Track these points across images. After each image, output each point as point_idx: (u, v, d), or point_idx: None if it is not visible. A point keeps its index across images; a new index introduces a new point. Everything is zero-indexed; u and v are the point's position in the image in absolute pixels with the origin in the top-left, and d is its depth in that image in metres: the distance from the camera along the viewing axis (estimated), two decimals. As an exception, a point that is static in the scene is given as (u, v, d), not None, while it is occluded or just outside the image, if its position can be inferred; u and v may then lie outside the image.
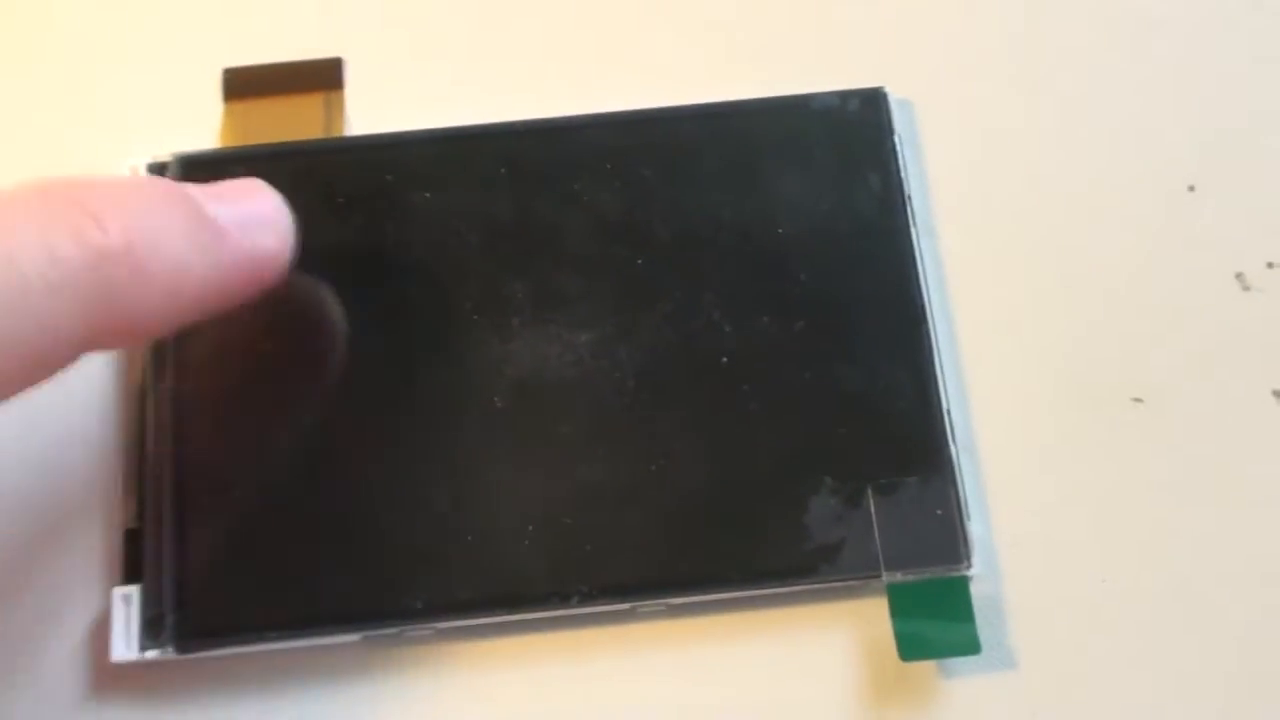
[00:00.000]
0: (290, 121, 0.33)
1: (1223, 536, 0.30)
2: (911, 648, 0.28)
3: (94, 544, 0.30)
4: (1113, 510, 0.30)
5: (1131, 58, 0.34)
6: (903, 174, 0.31)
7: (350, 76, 0.33)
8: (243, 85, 0.33)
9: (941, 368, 0.30)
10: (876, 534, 0.29)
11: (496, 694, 0.29)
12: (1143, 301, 0.31)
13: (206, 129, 0.32)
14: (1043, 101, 0.33)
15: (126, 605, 0.28)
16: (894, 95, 0.32)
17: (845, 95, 0.32)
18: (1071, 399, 0.31)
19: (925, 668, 0.29)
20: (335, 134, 0.33)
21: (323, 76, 0.33)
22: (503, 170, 0.31)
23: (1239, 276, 0.31)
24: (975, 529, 0.29)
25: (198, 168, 0.32)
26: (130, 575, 0.29)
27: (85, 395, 0.31)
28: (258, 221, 0.27)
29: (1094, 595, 0.29)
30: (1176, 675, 0.29)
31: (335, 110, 0.33)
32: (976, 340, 0.31)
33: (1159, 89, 0.33)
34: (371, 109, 0.33)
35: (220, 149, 0.32)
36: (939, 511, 0.29)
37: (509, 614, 0.28)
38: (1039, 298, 0.31)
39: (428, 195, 0.31)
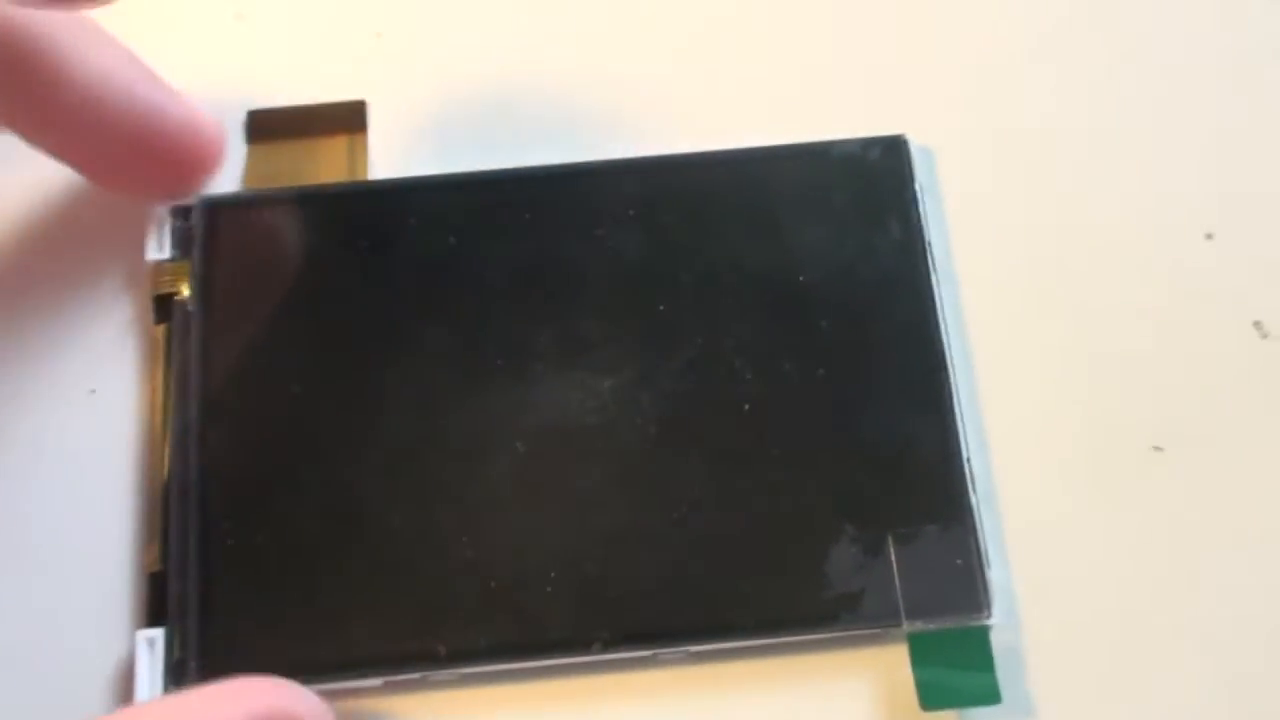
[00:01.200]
0: (314, 164, 0.33)
1: (1245, 584, 0.30)
2: (933, 697, 0.28)
3: (119, 587, 0.30)
4: (1133, 558, 0.30)
5: (1150, 106, 0.34)
6: (923, 222, 0.31)
7: (374, 120, 0.33)
8: (266, 128, 0.33)
9: (962, 415, 0.30)
10: (897, 583, 0.29)
11: (518, 741, 0.29)
12: (1162, 350, 0.31)
13: (230, 171, 0.33)
14: (1061, 150, 0.33)
15: (151, 649, 0.29)
16: (915, 143, 0.32)
17: (867, 143, 0.32)
18: (1092, 447, 0.31)
19: (945, 715, 0.29)
20: (359, 177, 0.33)
21: (347, 119, 0.33)
22: (526, 215, 0.32)
23: (1257, 325, 0.32)
24: (995, 577, 0.29)
25: (220, 211, 0.32)
26: (155, 618, 0.29)
27: (110, 438, 0.31)
28: None
29: (1115, 643, 0.29)
30: (1197, 724, 0.29)
31: (359, 153, 0.33)
32: (996, 388, 0.31)
33: (1177, 137, 0.33)
34: (395, 152, 0.33)
35: (243, 191, 0.33)
36: (959, 560, 0.29)
37: (531, 660, 0.29)
38: (1059, 345, 0.31)
39: (451, 240, 0.32)
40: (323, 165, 0.33)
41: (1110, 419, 0.31)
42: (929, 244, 0.31)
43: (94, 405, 0.31)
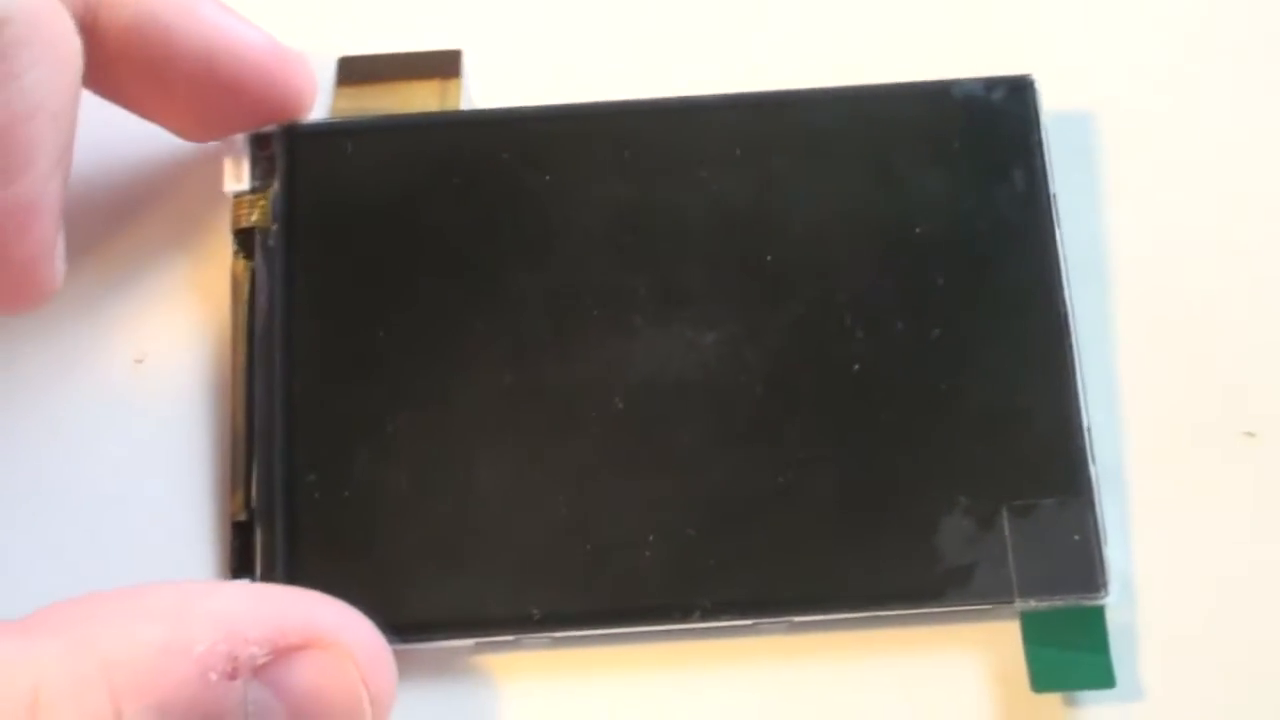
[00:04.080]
0: (403, 102, 0.31)
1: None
2: (1045, 678, 0.27)
3: (203, 534, 0.29)
4: (1257, 538, 0.29)
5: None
6: (1048, 171, 0.30)
7: (469, 67, 0.31)
8: (358, 74, 0.32)
9: (1084, 383, 0.28)
10: (1010, 558, 0.27)
11: (609, 704, 0.28)
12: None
13: (317, 113, 0.31)
14: (1199, 116, 0.31)
15: (235, 600, 0.28)
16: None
17: (990, 83, 0.30)
18: (1225, 424, 0.29)
19: (1051, 696, 0.28)
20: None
21: (440, 67, 0.31)
22: (626, 153, 0.30)
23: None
24: (1113, 556, 0.28)
25: (302, 139, 0.30)
26: (239, 569, 0.28)
27: (194, 385, 0.30)
28: None
29: (1232, 629, 0.28)
30: (1312, 710, 0.28)
31: (451, 94, 0.31)
32: (1123, 354, 0.29)
33: None
34: (490, 95, 0.31)
35: (325, 120, 0.31)
36: (1076, 537, 0.28)
37: (627, 627, 0.28)
38: (1194, 311, 0.30)
39: (546, 178, 0.30)
40: (412, 104, 0.31)
41: (1250, 395, 0.29)
42: (1054, 195, 0.29)
43: (177, 347, 0.30)
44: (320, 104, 0.31)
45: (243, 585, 0.27)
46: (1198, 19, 0.32)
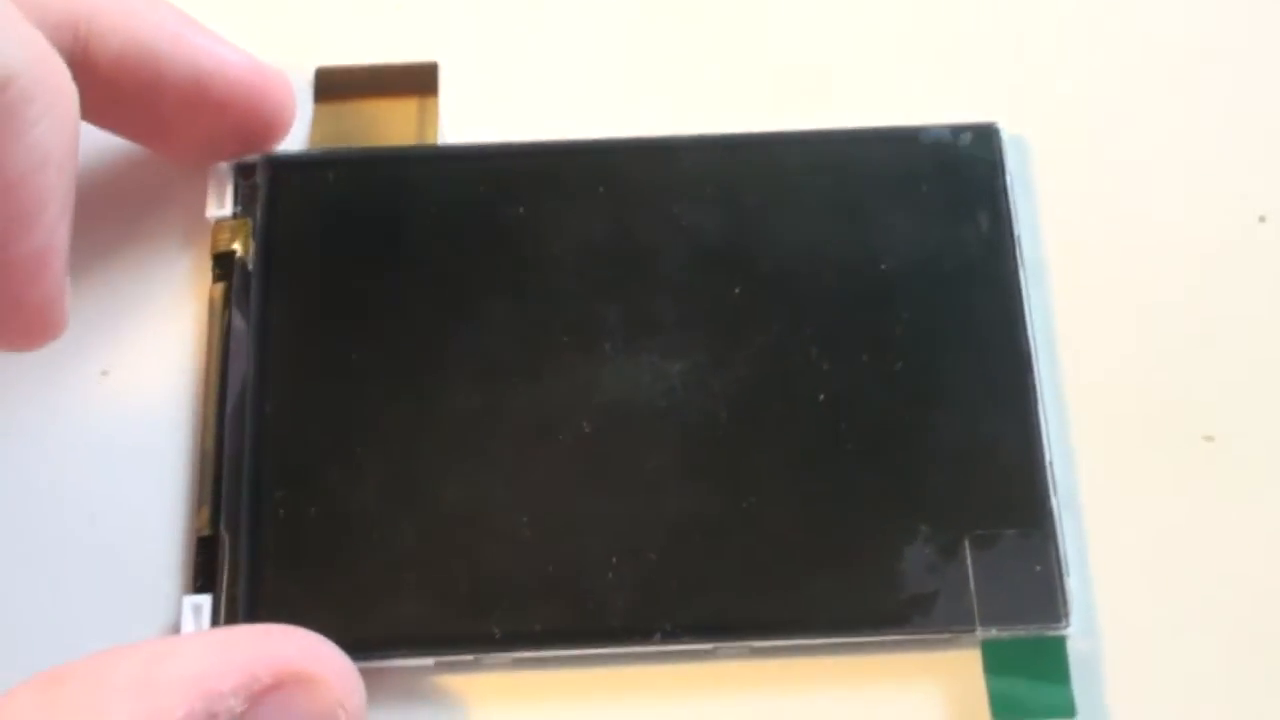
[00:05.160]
0: (383, 125, 0.32)
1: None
2: (1005, 707, 0.27)
3: (168, 550, 0.29)
4: (1218, 567, 0.29)
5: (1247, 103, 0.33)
6: (1013, 214, 0.30)
7: (445, 83, 0.32)
8: (335, 86, 0.32)
9: (1046, 416, 0.29)
10: (972, 587, 0.28)
11: (570, 728, 0.28)
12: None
13: (296, 131, 0.32)
14: (1152, 144, 0.32)
15: (197, 615, 0.28)
16: (1008, 132, 0.31)
17: (957, 129, 0.31)
18: (1186, 456, 0.29)
19: (1015, 726, 0.28)
20: (428, 140, 0.32)
21: (417, 81, 0.32)
22: (600, 188, 0.31)
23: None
24: (1074, 585, 0.28)
25: (285, 169, 0.31)
26: (202, 584, 0.28)
27: (163, 397, 0.30)
28: None
29: (1195, 658, 0.28)
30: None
31: (429, 116, 0.32)
32: (1083, 389, 0.30)
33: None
34: (467, 117, 0.32)
35: (309, 150, 0.32)
36: (1038, 567, 0.28)
37: (588, 648, 0.28)
38: (1152, 346, 0.30)
39: (521, 210, 0.31)
40: (392, 127, 0.32)
41: (1206, 425, 0.30)
42: (1018, 238, 0.30)
43: (147, 364, 0.30)
44: (301, 118, 0.31)
45: (205, 636, 0.27)
46: (1124, 45, 0.33)
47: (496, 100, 0.33)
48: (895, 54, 0.33)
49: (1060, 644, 0.27)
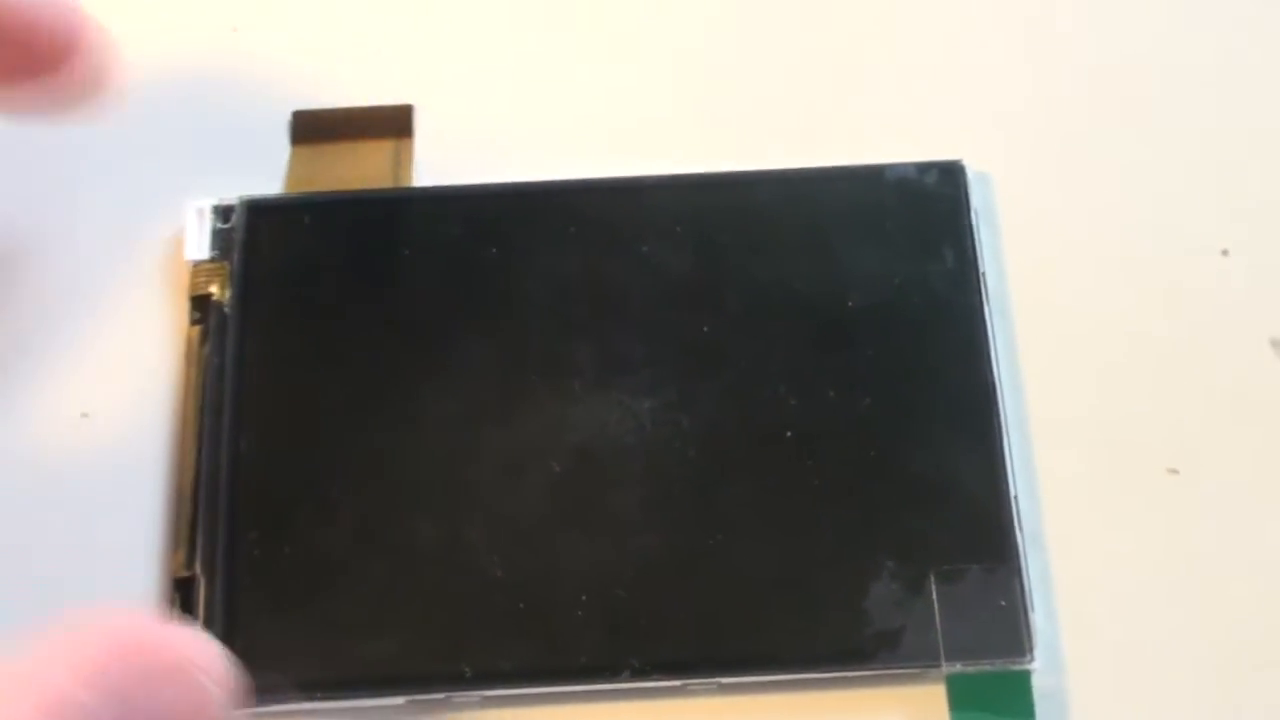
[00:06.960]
0: (358, 168, 0.32)
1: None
2: (970, 742, 0.27)
3: (145, 591, 0.29)
4: (1183, 601, 0.29)
5: (1211, 133, 0.33)
6: (978, 250, 0.31)
7: (420, 125, 0.33)
8: (311, 129, 0.33)
9: (1011, 452, 0.29)
10: (938, 622, 0.28)
11: (541, 764, 0.28)
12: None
13: (274, 170, 0.32)
14: (1118, 178, 0.32)
15: (173, 656, 0.28)
16: (972, 169, 0.31)
17: (923, 167, 0.31)
18: (1151, 489, 0.30)
19: (981, 761, 0.28)
20: (403, 183, 0.32)
21: (393, 123, 0.33)
22: (571, 229, 0.31)
23: None
24: (1038, 620, 0.28)
25: (263, 213, 0.31)
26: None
27: (139, 439, 0.30)
28: None
29: (1160, 692, 0.28)
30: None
31: (404, 158, 0.32)
32: (1048, 424, 0.30)
33: (1229, 163, 0.33)
34: (441, 159, 0.32)
35: (286, 195, 0.32)
36: (1003, 602, 0.28)
37: (558, 685, 0.28)
38: (1116, 380, 0.31)
39: (493, 251, 0.31)
40: (367, 169, 0.32)
41: (1170, 460, 0.30)
42: (983, 274, 0.30)
43: (126, 406, 0.31)
44: (277, 160, 0.32)
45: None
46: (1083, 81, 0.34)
47: (471, 142, 0.33)
48: (861, 93, 0.33)
49: (1025, 679, 0.28)
